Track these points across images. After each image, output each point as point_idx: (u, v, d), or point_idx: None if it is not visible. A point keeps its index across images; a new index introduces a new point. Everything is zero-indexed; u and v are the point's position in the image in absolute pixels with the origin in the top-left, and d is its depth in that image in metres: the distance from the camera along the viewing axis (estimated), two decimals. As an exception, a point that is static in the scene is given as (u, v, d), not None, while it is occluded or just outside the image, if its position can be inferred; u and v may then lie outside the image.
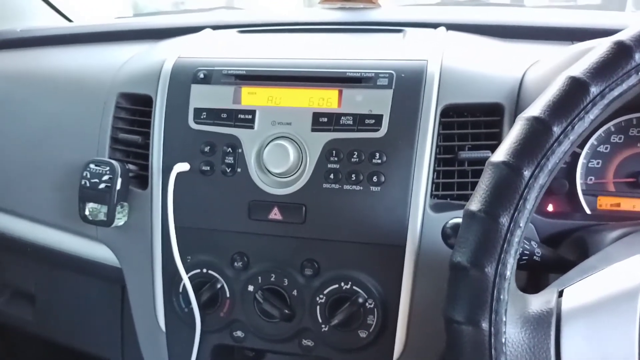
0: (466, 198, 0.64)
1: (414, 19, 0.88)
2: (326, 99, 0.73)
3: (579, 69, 0.44)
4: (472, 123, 0.71)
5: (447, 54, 0.74)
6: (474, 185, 0.55)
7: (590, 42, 0.68)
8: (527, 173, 0.42)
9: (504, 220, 0.42)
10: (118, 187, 0.76)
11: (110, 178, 0.76)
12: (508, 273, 0.42)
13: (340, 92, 0.72)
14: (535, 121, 0.43)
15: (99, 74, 0.88)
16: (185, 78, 0.78)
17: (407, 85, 0.71)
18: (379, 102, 0.71)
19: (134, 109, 0.83)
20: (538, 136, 0.43)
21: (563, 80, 0.44)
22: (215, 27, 0.94)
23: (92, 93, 0.85)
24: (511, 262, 0.42)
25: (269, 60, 0.77)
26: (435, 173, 0.70)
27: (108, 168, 0.77)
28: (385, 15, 0.93)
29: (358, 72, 0.72)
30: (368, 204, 0.70)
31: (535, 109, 0.44)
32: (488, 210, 0.42)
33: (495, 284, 0.42)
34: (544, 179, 0.42)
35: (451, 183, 0.71)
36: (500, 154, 0.44)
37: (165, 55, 0.82)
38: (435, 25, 0.85)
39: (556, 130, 0.42)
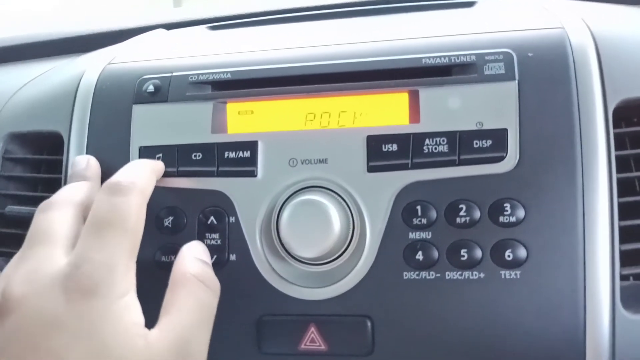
0: None
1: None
2: (389, 110, 0.39)
3: None
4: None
5: (587, 19, 0.42)
6: None
7: None
8: None
9: None
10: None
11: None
12: None
13: (415, 95, 0.38)
14: None
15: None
16: (120, 95, 0.43)
17: (543, 72, 0.37)
18: (494, 106, 0.37)
19: (34, 159, 0.47)
20: None
21: None
22: (170, 27, 0.60)
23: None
24: None
25: (273, 53, 0.43)
26: (621, 232, 0.36)
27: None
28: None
29: (444, 56, 0.39)
30: (499, 307, 0.35)
31: None
32: None
33: None
34: None
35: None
36: None
37: (86, 65, 0.47)
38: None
39: None
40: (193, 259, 0.35)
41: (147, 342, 0.30)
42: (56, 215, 0.34)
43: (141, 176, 0.36)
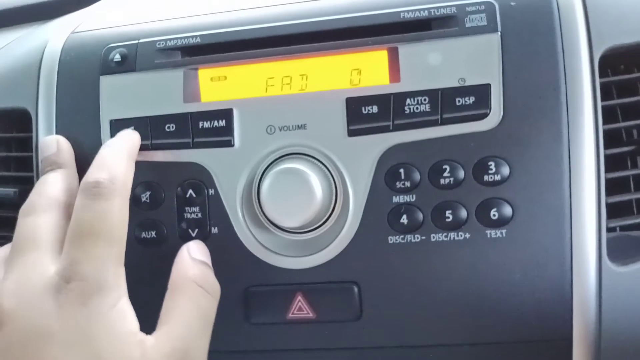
0: None
1: None
2: (368, 70, 0.37)
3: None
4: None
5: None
6: None
7: None
8: None
9: None
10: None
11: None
12: None
13: (394, 52, 0.37)
14: None
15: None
16: (87, 66, 0.41)
17: (526, 22, 0.36)
18: (476, 61, 0.36)
19: (4, 137, 0.45)
20: None
21: None
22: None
23: None
24: None
25: (244, 13, 0.41)
26: (607, 184, 0.35)
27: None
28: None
29: (423, 9, 0.37)
30: (486, 266, 0.35)
31: None
32: None
33: None
34: None
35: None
36: None
37: (49, 34, 0.45)
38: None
39: None
40: (192, 260, 0.34)
41: (143, 352, 0.30)
42: (40, 220, 0.33)
43: (120, 168, 0.34)
